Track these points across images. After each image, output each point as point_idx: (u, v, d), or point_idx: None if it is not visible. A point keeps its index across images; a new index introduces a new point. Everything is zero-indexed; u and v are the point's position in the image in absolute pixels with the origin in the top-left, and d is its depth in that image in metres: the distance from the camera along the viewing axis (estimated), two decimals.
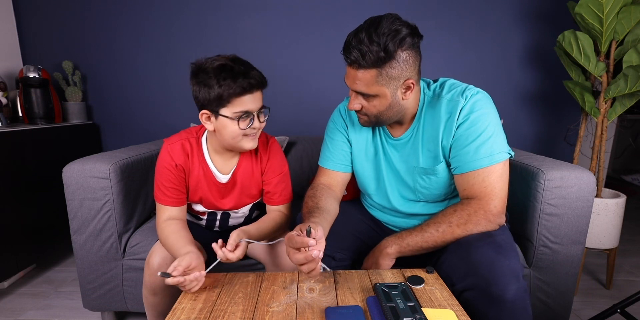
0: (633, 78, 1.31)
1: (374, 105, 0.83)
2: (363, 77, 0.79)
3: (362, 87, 0.80)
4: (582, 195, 1.03)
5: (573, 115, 1.91)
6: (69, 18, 1.89)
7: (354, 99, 0.85)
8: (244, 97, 0.83)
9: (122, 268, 1.16)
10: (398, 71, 0.78)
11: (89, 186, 1.10)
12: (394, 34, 0.74)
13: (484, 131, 0.82)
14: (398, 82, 0.80)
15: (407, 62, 0.78)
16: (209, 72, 0.82)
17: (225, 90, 0.81)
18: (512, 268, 0.72)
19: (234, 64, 0.83)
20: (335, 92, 1.91)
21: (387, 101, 0.82)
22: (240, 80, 0.81)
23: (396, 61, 0.77)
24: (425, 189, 0.93)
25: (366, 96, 0.82)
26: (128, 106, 1.99)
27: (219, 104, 0.84)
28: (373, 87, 0.80)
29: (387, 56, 0.75)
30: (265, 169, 1.01)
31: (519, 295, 0.71)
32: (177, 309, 0.69)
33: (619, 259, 1.77)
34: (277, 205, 1.03)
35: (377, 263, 0.87)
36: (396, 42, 0.74)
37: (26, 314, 1.34)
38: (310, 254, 0.68)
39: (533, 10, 1.83)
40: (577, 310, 1.35)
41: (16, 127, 1.54)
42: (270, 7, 1.85)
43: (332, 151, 1.03)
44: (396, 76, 0.79)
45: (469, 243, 0.79)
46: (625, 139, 3.14)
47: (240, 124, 0.85)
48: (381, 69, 0.77)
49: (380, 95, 0.81)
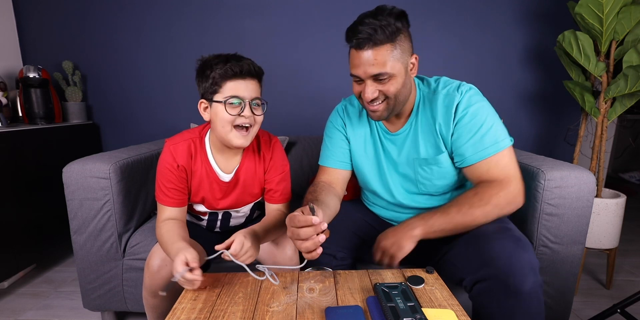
0: (633, 78, 1.31)
1: (392, 84, 0.82)
2: (378, 54, 0.79)
3: (381, 67, 0.80)
4: (582, 195, 1.03)
5: (573, 115, 1.91)
6: (69, 18, 1.89)
7: (369, 86, 0.82)
8: (234, 81, 0.84)
9: (122, 268, 1.16)
10: (407, 45, 0.82)
11: (89, 186, 1.10)
12: (396, 14, 0.79)
13: (484, 122, 0.84)
14: (408, 55, 0.83)
15: (409, 38, 0.83)
16: (207, 63, 0.86)
17: (217, 73, 0.84)
18: (531, 261, 0.74)
19: (230, 55, 0.87)
20: (335, 92, 1.91)
21: (402, 79, 0.83)
22: (231, 63, 0.83)
23: (403, 35, 0.81)
24: (427, 179, 0.93)
25: (381, 79, 0.81)
26: (128, 106, 1.98)
27: (213, 90, 0.86)
28: (389, 64, 0.80)
29: (398, 29, 0.79)
30: (267, 167, 1.02)
31: (535, 289, 0.73)
32: (177, 309, 0.69)
33: (619, 259, 1.77)
34: (277, 203, 1.03)
35: (400, 245, 0.83)
36: (400, 19, 0.80)
37: (26, 314, 1.34)
38: (318, 239, 0.68)
39: (533, 10, 1.83)
40: (577, 310, 1.35)
41: (16, 127, 1.54)
42: (271, 7, 1.85)
43: (331, 149, 1.04)
44: (407, 49, 0.82)
45: (486, 235, 0.80)
46: (625, 139, 3.13)
47: (229, 109, 0.84)
48: (395, 43, 0.79)
49: (397, 74, 0.81)
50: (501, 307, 0.75)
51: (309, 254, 0.70)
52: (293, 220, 0.71)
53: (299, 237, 0.70)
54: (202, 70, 0.87)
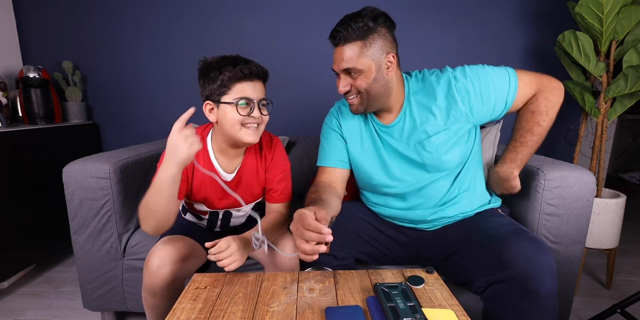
0: (633, 78, 1.31)
1: (362, 79, 0.88)
2: (350, 50, 0.86)
3: (349, 63, 0.86)
4: (582, 195, 1.03)
5: (573, 115, 1.91)
6: (69, 18, 1.89)
7: (342, 80, 0.91)
8: (243, 83, 0.87)
9: (122, 268, 1.16)
10: (380, 44, 0.87)
11: (89, 186, 1.10)
12: (372, 14, 0.85)
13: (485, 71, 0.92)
14: (381, 55, 0.87)
15: (386, 38, 0.87)
16: (212, 65, 0.88)
17: (226, 76, 0.86)
18: (551, 265, 0.76)
19: (236, 57, 0.89)
20: (335, 92, 1.91)
21: (372, 74, 0.88)
22: (240, 65, 0.86)
23: (377, 34, 0.86)
24: (431, 153, 0.93)
25: (353, 74, 0.88)
26: (128, 106, 1.98)
27: (221, 92, 0.88)
28: (360, 60, 0.86)
29: (369, 29, 0.85)
30: (269, 166, 1.03)
31: (553, 293, 0.74)
32: (177, 309, 0.69)
33: (619, 259, 1.77)
34: (277, 202, 1.04)
35: (512, 186, 0.95)
36: (376, 20, 0.85)
37: (26, 314, 1.34)
38: (318, 248, 0.69)
39: (533, 10, 1.83)
40: (577, 310, 1.35)
41: (16, 127, 1.54)
42: (271, 7, 1.85)
43: (328, 149, 1.06)
44: (378, 48, 0.87)
45: (503, 237, 0.82)
46: (625, 139, 3.13)
47: (240, 110, 0.87)
48: (365, 41, 0.85)
49: (366, 70, 0.87)
50: (517, 309, 0.75)
51: (305, 256, 0.71)
52: (303, 219, 0.71)
53: (302, 237, 0.70)
54: (207, 72, 0.88)
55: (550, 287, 0.74)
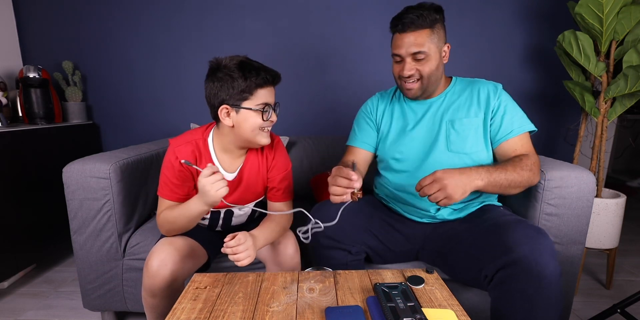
0: (633, 78, 1.31)
1: (427, 64, 0.97)
2: (419, 36, 0.95)
3: (420, 47, 0.95)
4: (582, 195, 1.03)
5: (573, 115, 1.91)
6: (69, 18, 1.89)
7: (407, 64, 0.98)
8: (265, 89, 0.89)
9: (122, 268, 1.16)
10: (441, 34, 0.98)
11: (89, 186, 1.10)
12: (435, 8, 0.97)
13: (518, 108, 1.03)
14: (442, 43, 0.99)
15: (444, 29, 0.99)
16: (231, 68, 0.87)
17: (251, 82, 0.87)
18: (551, 247, 0.80)
19: (252, 61, 0.90)
20: (335, 92, 1.92)
21: (435, 61, 0.98)
22: (262, 73, 0.88)
23: (440, 25, 0.98)
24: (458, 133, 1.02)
25: (419, 58, 0.96)
26: (128, 106, 1.98)
27: (242, 98, 0.88)
28: (429, 45, 0.95)
29: (436, 19, 0.96)
30: (271, 166, 1.04)
31: (556, 273, 0.78)
32: (177, 309, 0.69)
33: (619, 259, 1.77)
34: (279, 201, 1.05)
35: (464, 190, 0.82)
36: (438, 12, 0.97)
37: (26, 314, 1.34)
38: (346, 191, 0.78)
39: (533, 10, 1.83)
40: (577, 310, 1.35)
41: (16, 127, 1.54)
42: (271, 7, 1.85)
43: (358, 133, 1.16)
44: (441, 37, 0.98)
45: (507, 224, 0.87)
46: (625, 139, 3.13)
47: (264, 116, 0.90)
48: (433, 29, 0.95)
49: (431, 55, 0.97)
50: (523, 293, 0.78)
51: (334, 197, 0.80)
52: (340, 169, 0.82)
53: (334, 183, 0.80)
54: (222, 75, 0.87)
55: (554, 268, 0.77)
